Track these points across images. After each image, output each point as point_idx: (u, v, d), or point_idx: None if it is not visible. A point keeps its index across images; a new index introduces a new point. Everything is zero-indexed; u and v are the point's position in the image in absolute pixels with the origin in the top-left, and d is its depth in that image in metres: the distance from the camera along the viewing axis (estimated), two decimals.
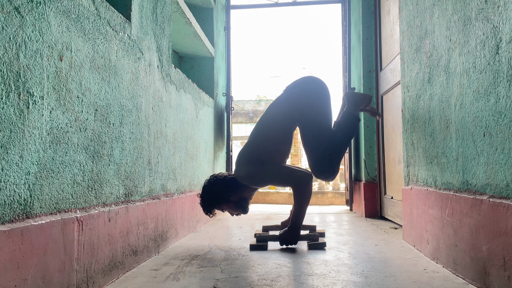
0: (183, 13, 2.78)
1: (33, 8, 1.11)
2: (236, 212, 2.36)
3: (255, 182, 2.27)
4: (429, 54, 1.89)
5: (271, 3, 4.82)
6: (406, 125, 2.29)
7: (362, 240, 2.42)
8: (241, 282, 1.51)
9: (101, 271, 1.46)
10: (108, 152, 1.55)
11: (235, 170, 2.32)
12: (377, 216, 3.57)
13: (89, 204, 1.42)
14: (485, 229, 1.35)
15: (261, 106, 17.21)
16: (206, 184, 2.32)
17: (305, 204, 2.23)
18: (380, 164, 3.51)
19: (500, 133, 1.25)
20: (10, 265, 1.00)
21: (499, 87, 1.25)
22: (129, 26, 1.76)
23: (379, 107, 3.55)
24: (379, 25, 3.56)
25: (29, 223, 1.08)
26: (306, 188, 2.21)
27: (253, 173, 2.23)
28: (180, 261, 1.89)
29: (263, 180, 2.26)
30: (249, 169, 2.24)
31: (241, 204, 2.32)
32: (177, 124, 2.47)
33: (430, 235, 1.85)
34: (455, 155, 1.60)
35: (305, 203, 2.23)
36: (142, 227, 1.86)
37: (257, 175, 2.24)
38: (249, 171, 2.23)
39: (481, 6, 1.36)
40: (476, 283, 1.41)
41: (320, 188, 7.07)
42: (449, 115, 1.66)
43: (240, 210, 2.34)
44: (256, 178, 2.24)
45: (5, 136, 1.01)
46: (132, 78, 1.79)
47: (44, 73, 1.16)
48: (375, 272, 1.63)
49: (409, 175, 2.26)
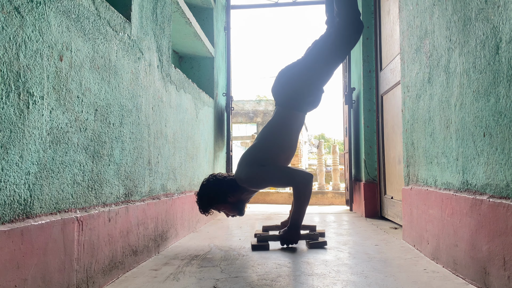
0: (183, 13, 2.78)
1: (33, 8, 1.11)
2: (233, 213, 2.37)
3: (255, 184, 2.26)
4: (429, 54, 1.89)
5: (271, 3, 4.82)
6: (406, 125, 2.29)
7: (362, 240, 2.42)
8: (241, 282, 1.51)
9: (101, 271, 1.46)
10: (108, 152, 1.55)
11: (236, 171, 2.32)
12: (377, 216, 3.57)
13: (89, 204, 1.42)
14: (485, 229, 1.35)
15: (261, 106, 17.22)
16: (205, 183, 2.31)
17: (305, 204, 2.23)
18: (380, 164, 3.51)
19: (500, 133, 1.25)
20: (10, 265, 1.00)
21: (499, 87, 1.25)
22: (129, 26, 1.76)
23: (379, 107, 3.55)
24: (379, 25, 3.56)
25: (29, 223, 1.08)
26: (306, 188, 2.21)
27: (253, 175, 2.23)
28: (180, 261, 1.89)
29: (264, 181, 2.26)
30: (249, 171, 2.24)
31: (238, 206, 2.33)
32: (177, 124, 2.47)
33: (430, 235, 1.85)
34: (455, 155, 1.60)
35: (305, 203, 2.23)
36: (142, 227, 1.86)
37: (257, 177, 2.23)
38: (249, 173, 2.23)
39: (481, 6, 1.36)
40: (476, 283, 1.41)
41: (320, 188, 7.07)
42: (449, 115, 1.66)
43: (237, 212, 2.35)
44: (256, 179, 2.24)
45: (5, 136, 1.01)
46: (132, 78, 1.79)
47: (44, 73, 1.16)
48: (375, 272, 1.63)
49: (409, 175, 2.26)
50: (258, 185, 2.28)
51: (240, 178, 2.25)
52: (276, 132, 2.30)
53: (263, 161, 2.25)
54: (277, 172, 2.24)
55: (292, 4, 4.79)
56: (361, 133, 3.91)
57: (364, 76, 3.76)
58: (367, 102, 3.78)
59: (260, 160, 2.26)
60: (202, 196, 2.29)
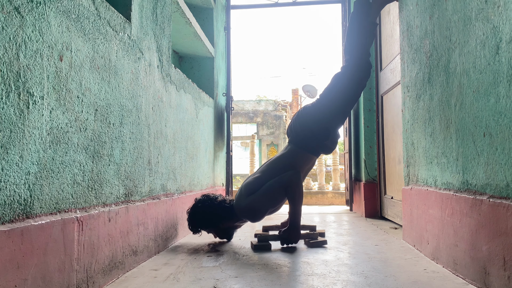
0: (183, 13, 2.78)
1: (33, 8, 1.11)
2: (221, 238, 2.41)
3: (257, 212, 2.26)
4: (429, 54, 1.89)
5: (271, 3, 4.82)
6: (406, 125, 2.29)
7: (362, 240, 2.42)
8: (241, 282, 1.51)
9: (101, 271, 1.46)
10: (108, 152, 1.55)
11: (236, 201, 2.32)
12: (377, 216, 3.57)
13: (89, 204, 1.42)
14: (485, 229, 1.35)
15: (261, 106, 17.22)
16: (199, 205, 2.31)
17: (299, 202, 2.26)
18: (380, 164, 3.51)
19: (500, 133, 1.25)
20: (10, 265, 1.00)
21: (499, 87, 1.25)
22: (129, 26, 1.76)
23: (379, 107, 3.55)
24: (379, 25, 3.56)
25: (29, 223, 1.08)
26: (296, 188, 2.24)
27: (251, 205, 2.23)
28: (180, 261, 1.89)
29: (263, 205, 2.25)
30: (248, 203, 2.24)
31: (228, 232, 2.40)
32: (177, 124, 2.47)
33: (430, 235, 1.85)
34: (455, 155, 1.60)
35: (299, 202, 2.25)
36: (142, 227, 1.86)
37: (255, 205, 2.23)
38: (248, 205, 2.24)
39: (481, 6, 1.36)
40: (476, 283, 1.41)
41: (320, 188, 7.07)
42: (449, 115, 1.66)
43: (226, 237, 2.41)
44: (255, 208, 2.24)
45: (5, 136, 1.01)
46: (132, 78, 1.79)
47: (44, 73, 1.16)
48: (375, 272, 1.63)
49: (409, 175, 2.26)
50: (259, 212, 2.26)
51: (240, 209, 2.27)
52: (283, 170, 2.29)
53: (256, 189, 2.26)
54: (268, 187, 2.23)
55: (292, 4, 4.79)
56: (361, 133, 3.91)
57: None
58: (367, 102, 3.78)
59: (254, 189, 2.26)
60: (194, 217, 2.30)
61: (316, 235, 2.33)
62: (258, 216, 2.28)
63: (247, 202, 2.24)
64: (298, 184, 2.24)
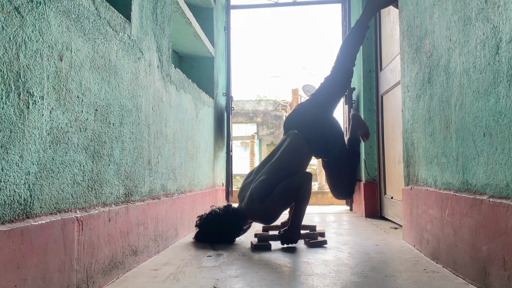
0: (183, 13, 2.78)
1: (33, 8, 1.11)
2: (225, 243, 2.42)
3: (270, 217, 2.27)
4: (429, 54, 1.89)
5: (271, 3, 4.82)
6: (406, 125, 2.29)
7: (362, 240, 2.42)
8: (241, 282, 1.51)
9: (101, 271, 1.46)
10: (108, 152, 1.55)
11: (247, 205, 2.30)
12: (377, 216, 3.57)
13: (89, 204, 1.42)
14: (485, 229, 1.35)
15: (261, 106, 17.20)
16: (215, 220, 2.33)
17: (305, 203, 2.25)
18: (380, 164, 3.51)
19: (500, 133, 1.25)
20: (10, 265, 1.00)
21: (499, 87, 1.25)
22: (129, 26, 1.76)
23: (379, 107, 3.55)
24: (379, 25, 3.56)
25: (29, 223, 1.08)
26: (306, 188, 2.24)
27: (267, 208, 2.23)
28: (180, 261, 1.89)
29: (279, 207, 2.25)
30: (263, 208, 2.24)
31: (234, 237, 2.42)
32: (177, 124, 2.47)
33: (430, 235, 1.85)
34: (455, 155, 1.60)
35: (305, 202, 2.25)
36: (142, 227, 1.86)
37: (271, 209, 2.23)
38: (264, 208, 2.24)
39: (481, 6, 1.36)
40: (476, 283, 1.41)
41: (320, 188, 7.07)
42: (449, 115, 1.66)
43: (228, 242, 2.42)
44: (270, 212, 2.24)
45: (5, 136, 1.01)
46: (132, 78, 1.79)
47: (44, 73, 1.16)
48: (375, 272, 1.63)
49: (409, 175, 2.26)
50: (275, 215, 2.26)
51: (253, 214, 2.28)
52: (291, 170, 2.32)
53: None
54: (282, 191, 2.24)
55: (292, 4, 4.79)
56: None
57: (364, 76, 3.76)
58: (367, 102, 3.78)
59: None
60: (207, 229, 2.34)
61: (316, 235, 2.33)
62: (273, 219, 2.29)
63: (262, 207, 2.23)
64: (310, 186, 2.28)
